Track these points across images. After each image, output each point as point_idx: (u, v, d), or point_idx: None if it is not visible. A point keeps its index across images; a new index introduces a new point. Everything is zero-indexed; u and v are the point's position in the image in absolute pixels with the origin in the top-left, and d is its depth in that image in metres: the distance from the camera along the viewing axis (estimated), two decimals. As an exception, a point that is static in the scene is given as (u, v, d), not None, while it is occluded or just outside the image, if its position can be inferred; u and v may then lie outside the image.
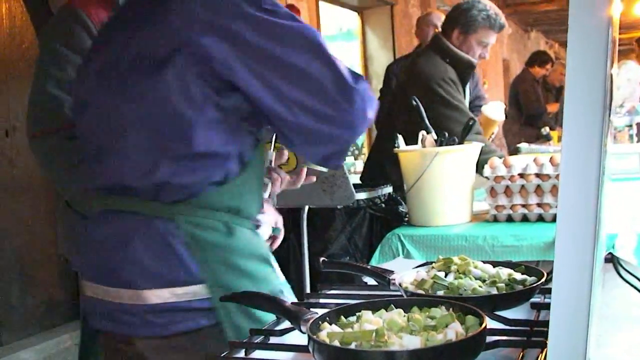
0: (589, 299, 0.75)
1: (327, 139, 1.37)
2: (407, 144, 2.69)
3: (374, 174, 3.35)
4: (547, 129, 5.96)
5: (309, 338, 0.96)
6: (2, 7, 3.81)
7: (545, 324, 0.95)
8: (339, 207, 2.87)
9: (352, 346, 0.93)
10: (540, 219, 2.57)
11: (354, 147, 7.39)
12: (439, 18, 5.34)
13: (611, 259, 2.53)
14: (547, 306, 1.17)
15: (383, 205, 2.93)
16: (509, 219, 2.62)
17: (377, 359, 0.88)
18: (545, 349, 0.92)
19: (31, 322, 3.89)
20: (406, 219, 2.85)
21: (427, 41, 5.10)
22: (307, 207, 2.85)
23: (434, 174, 2.57)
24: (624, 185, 3.21)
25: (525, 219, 2.60)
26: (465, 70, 3.40)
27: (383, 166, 3.22)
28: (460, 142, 2.69)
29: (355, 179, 3.41)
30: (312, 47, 1.34)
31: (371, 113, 1.38)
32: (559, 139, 5.65)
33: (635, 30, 16.87)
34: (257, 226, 1.55)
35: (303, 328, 1.01)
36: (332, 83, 1.32)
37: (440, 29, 3.66)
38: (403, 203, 2.91)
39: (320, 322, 1.01)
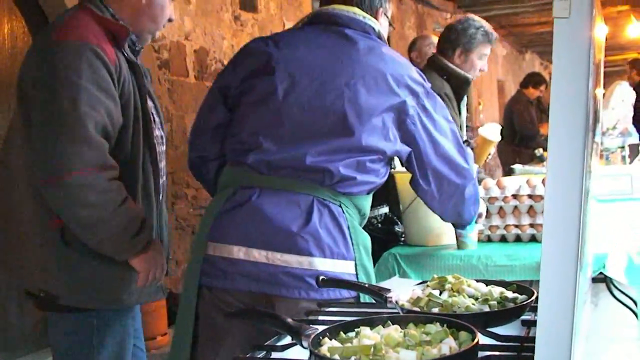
0: (573, 316, 0.80)
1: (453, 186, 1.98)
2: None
3: None
4: (541, 150, 6.03)
5: (311, 352, 1.01)
6: (4, 28, 3.88)
7: (525, 343, 1.01)
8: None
9: (352, 360, 0.98)
10: (533, 239, 2.63)
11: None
12: (432, 41, 5.41)
13: (604, 279, 2.59)
14: (537, 323, 1.22)
15: (379, 225, 2.98)
16: (503, 239, 2.68)
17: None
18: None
19: (29, 340, 3.91)
20: (402, 238, 2.90)
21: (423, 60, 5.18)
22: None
23: (429, 194, 2.63)
24: (616, 206, 3.27)
25: (518, 239, 2.66)
26: (461, 86, 3.50)
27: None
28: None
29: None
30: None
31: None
32: (545, 160, 5.72)
33: (629, 52, 17.05)
34: None
35: (304, 343, 1.06)
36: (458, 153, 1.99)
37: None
38: (399, 223, 2.96)
39: (320, 338, 1.06)
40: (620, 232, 2.68)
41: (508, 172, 6.07)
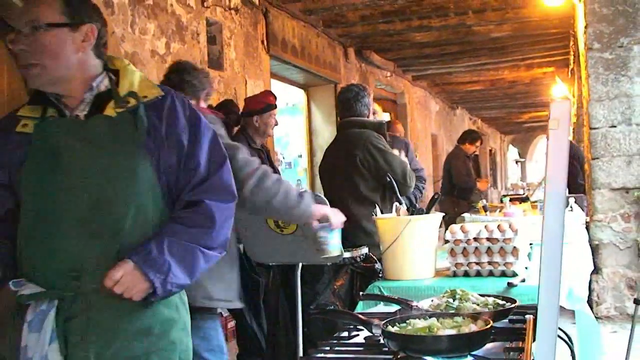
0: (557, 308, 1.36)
1: None
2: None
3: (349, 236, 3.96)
4: (484, 201, 6.69)
5: (383, 331, 1.55)
6: (3, 82, 4.14)
7: (517, 331, 1.57)
8: (328, 264, 3.45)
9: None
10: (491, 274, 3.20)
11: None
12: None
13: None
14: (519, 320, 1.79)
15: (362, 263, 3.52)
16: (466, 274, 3.24)
17: (434, 341, 1.48)
18: (523, 341, 1.55)
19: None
20: (380, 275, 3.45)
21: None
22: (300, 264, 3.43)
23: (406, 237, 3.19)
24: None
25: (478, 274, 3.22)
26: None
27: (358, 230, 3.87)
28: (427, 212, 3.33)
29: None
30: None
31: None
32: (491, 209, 6.39)
33: (547, 109, 18.14)
34: None
35: (375, 330, 1.59)
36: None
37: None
38: (378, 261, 3.50)
39: (386, 326, 1.60)
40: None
41: (450, 220, 6.66)
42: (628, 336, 4.28)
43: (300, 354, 3.16)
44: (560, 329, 3.36)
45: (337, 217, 2.87)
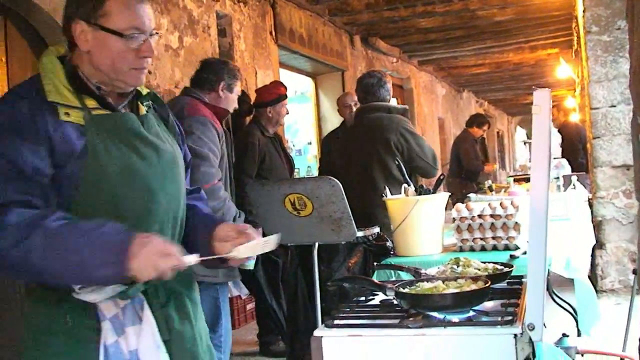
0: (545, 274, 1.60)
1: None
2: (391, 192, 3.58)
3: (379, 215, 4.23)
4: (490, 181, 6.91)
5: (396, 293, 1.79)
6: (27, 74, 4.20)
7: (515, 290, 1.81)
8: (342, 242, 3.70)
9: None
10: (495, 248, 3.42)
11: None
12: (352, 99, 6.30)
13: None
14: (517, 283, 2.03)
15: (374, 241, 3.76)
16: (471, 249, 3.46)
17: (440, 298, 1.72)
18: (519, 299, 1.79)
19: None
20: (392, 252, 3.68)
21: (348, 118, 6.13)
22: (317, 244, 3.68)
23: (414, 216, 3.42)
24: (554, 224, 4.11)
25: (483, 248, 3.45)
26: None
27: (370, 211, 4.14)
28: (434, 192, 3.56)
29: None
30: None
31: None
32: (497, 190, 6.61)
33: (557, 89, 18.31)
34: None
35: (389, 292, 1.84)
36: None
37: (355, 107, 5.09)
38: (388, 239, 3.73)
39: (398, 288, 1.84)
40: (559, 243, 3.51)
41: (457, 201, 6.87)
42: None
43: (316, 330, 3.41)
44: (565, 301, 3.61)
45: None
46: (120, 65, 1.92)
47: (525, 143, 29.84)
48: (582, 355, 2.09)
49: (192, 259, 1.81)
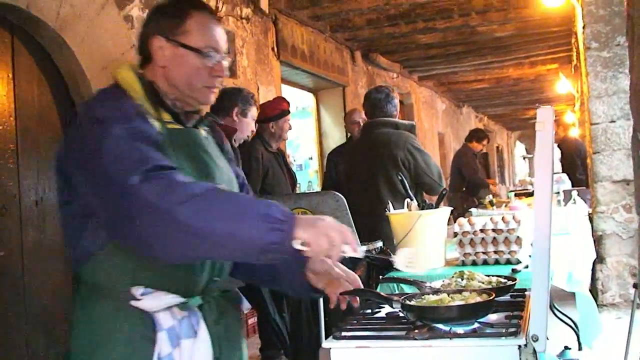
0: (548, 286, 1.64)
1: None
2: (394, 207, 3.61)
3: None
4: (490, 196, 6.96)
5: (402, 305, 1.83)
6: (33, 91, 4.37)
7: (518, 303, 1.85)
8: (346, 257, 3.72)
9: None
10: (497, 262, 3.46)
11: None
12: (360, 115, 6.38)
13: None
14: (520, 296, 2.07)
15: (377, 255, 3.79)
16: (474, 263, 3.49)
17: (446, 310, 1.76)
18: (523, 311, 1.83)
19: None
20: (395, 266, 3.71)
21: (356, 135, 6.21)
22: (321, 257, 3.71)
23: (417, 230, 3.46)
24: (556, 238, 4.15)
25: (485, 262, 3.48)
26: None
27: (374, 225, 4.16)
28: (436, 207, 3.60)
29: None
30: None
31: None
32: (498, 205, 6.65)
33: (557, 104, 18.40)
34: None
35: (395, 305, 1.88)
36: None
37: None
38: (391, 254, 3.76)
39: (404, 300, 1.88)
40: (560, 257, 3.55)
41: (458, 215, 6.93)
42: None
43: (323, 343, 3.44)
44: (566, 315, 3.65)
45: None
46: (195, 81, 2.00)
47: (524, 158, 29.92)
48: (584, 368, 2.13)
49: (361, 250, 1.86)
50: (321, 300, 3.67)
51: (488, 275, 2.20)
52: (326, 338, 1.93)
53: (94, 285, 1.94)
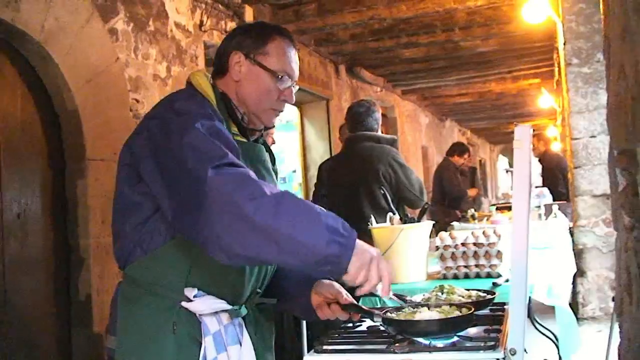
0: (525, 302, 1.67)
1: None
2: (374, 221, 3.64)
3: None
4: (472, 210, 7.01)
5: (383, 319, 1.85)
6: (17, 104, 4.35)
7: (497, 317, 1.88)
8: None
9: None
10: (478, 275, 3.50)
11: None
12: None
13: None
14: (499, 310, 2.10)
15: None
16: (455, 277, 3.54)
17: (426, 324, 1.79)
18: (502, 324, 1.86)
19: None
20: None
21: None
22: (303, 271, 3.73)
23: (399, 244, 3.49)
24: (536, 252, 4.20)
25: (466, 276, 3.52)
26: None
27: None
28: (418, 221, 3.63)
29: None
30: None
31: None
32: (479, 218, 6.70)
33: (538, 118, 18.56)
34: None
35: (376, 319, 1.90)
36: None
37: None
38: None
39: (385, 314, 1.90)
40: (541, 271, 3.59)
41: (440, 229, 6.95)
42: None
43: (305, 356, 3.46)
44: (546, 328, 3.69)
45: None
46: (264, 101, 2.10)
47: (507, 171, 30.09)
48: (563, 381, 2.16)
49: (391, 293, 1.89)
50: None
51: (468, 289, 2.23)
52: (308, 351, 1.95)
53: (146, 283, 1.97)
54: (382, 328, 1.97)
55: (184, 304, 1.93)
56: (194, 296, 1.93)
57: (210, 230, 1.72)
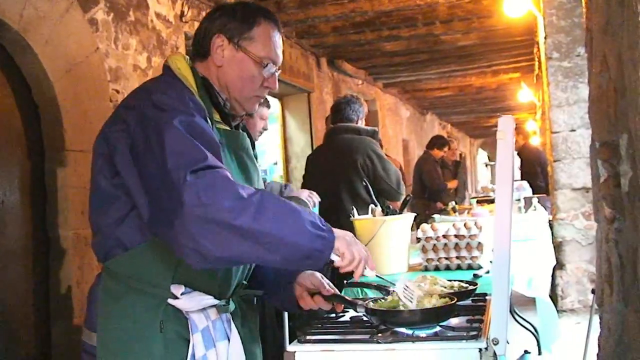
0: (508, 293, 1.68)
1: None
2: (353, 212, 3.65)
3: None
4: (453, 203, 7.04)
5: (365, 309, 1.86)
6: None
7: (479, 307, 1.89)
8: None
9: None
10: (459, 267, 3.51)
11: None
12: None
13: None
14: (481, 300, 2.11)
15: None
16: (436, 268, 3.55)
17: (409, 314, 1.79)
18: (484, 315, 1.86)
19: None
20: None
21: None
22: (285, 263, 3.73)
23: (381, 236, 3.49)
24: (516, 244, 4.22)
25: (447, 267, 3.53)
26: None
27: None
28: (400, 213, 3.64)
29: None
30: None
31: None
32: (460, 211, 6.73)
33: (518, 112, 18.65)
34: None
35: (359, 309, 1.90)
36: None
37: None
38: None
39: (368, 304, 1.91)
40: (521, 263, 3.62)
41: (421, 221, 6.96)
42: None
43: (287, 346, 3.46)
44: (526, 320, 3.71)
45: None
46: (247, 88, 2.03)
47: (487, 165, 30.23)
48: (543, 371, 2.18)
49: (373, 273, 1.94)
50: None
51: (450, 280, 2.24)
52: (290, 342, 1.95)
53: (130, 279, 1.90)
54: (365, 318, 1.97)
55: (170, 301, 1.88)
56: (181, 293, 1.88)
57: (187, 237, 1.68)
